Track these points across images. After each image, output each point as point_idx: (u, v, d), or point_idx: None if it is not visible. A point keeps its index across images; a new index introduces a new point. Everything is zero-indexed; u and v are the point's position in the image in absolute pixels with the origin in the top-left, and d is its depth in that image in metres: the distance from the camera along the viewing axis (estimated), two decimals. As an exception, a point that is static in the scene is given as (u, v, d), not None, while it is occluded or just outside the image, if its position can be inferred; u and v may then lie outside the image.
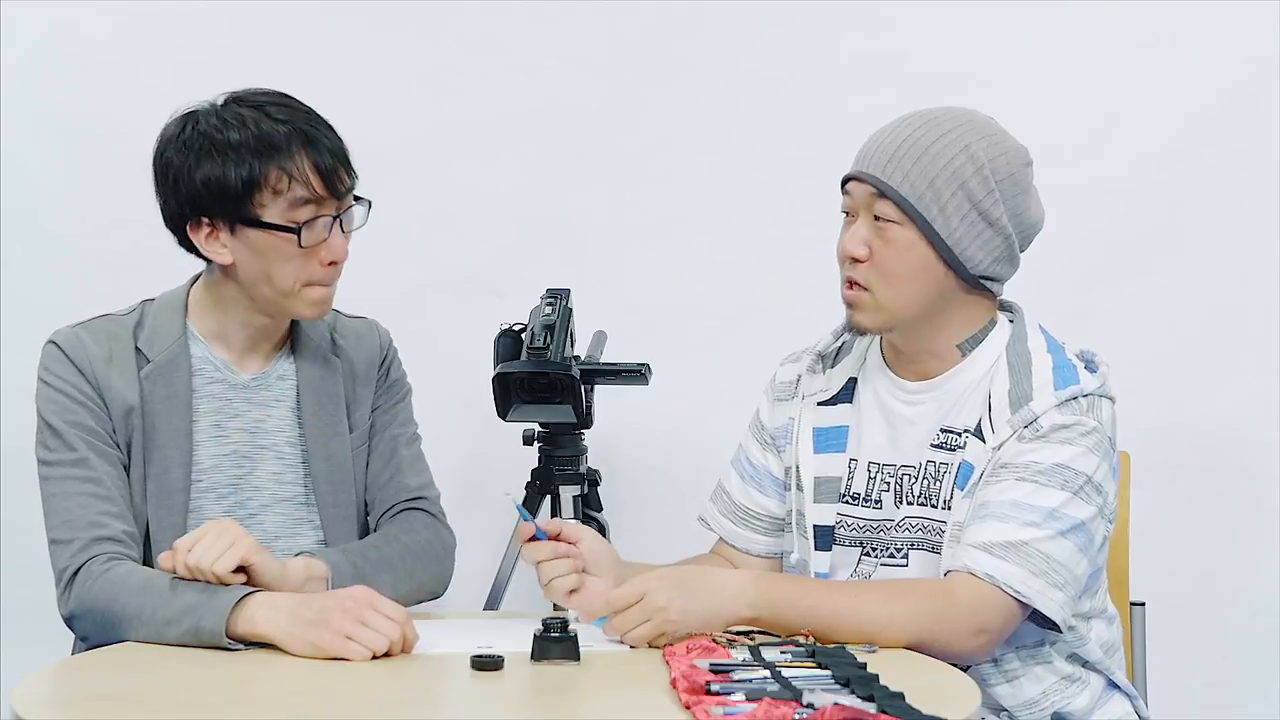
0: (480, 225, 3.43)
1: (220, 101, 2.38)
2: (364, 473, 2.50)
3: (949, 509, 2.31)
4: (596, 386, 2.92)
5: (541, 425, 2.94)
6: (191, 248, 2.40)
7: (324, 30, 3.39)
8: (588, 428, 2.94)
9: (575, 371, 2.83)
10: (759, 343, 3.35)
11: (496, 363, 2.89)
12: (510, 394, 2.83)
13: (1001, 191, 2.32)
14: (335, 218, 2.34)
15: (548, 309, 2.83)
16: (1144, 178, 3.31)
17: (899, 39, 3.37)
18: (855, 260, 2.34)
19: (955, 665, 2.17)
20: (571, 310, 2.85)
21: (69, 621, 2.30)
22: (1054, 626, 2.26)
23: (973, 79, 3.24)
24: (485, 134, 3.40)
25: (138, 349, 2.40)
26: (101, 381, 2.37)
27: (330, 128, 2.37)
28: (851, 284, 2.36)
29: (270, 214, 2.32)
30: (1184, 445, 3.17)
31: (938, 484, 2.34)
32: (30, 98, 3.32)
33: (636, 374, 2.91)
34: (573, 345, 2.86)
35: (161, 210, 2.42)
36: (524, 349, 2.83)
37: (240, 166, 2.30)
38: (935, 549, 2.32)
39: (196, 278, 2.47)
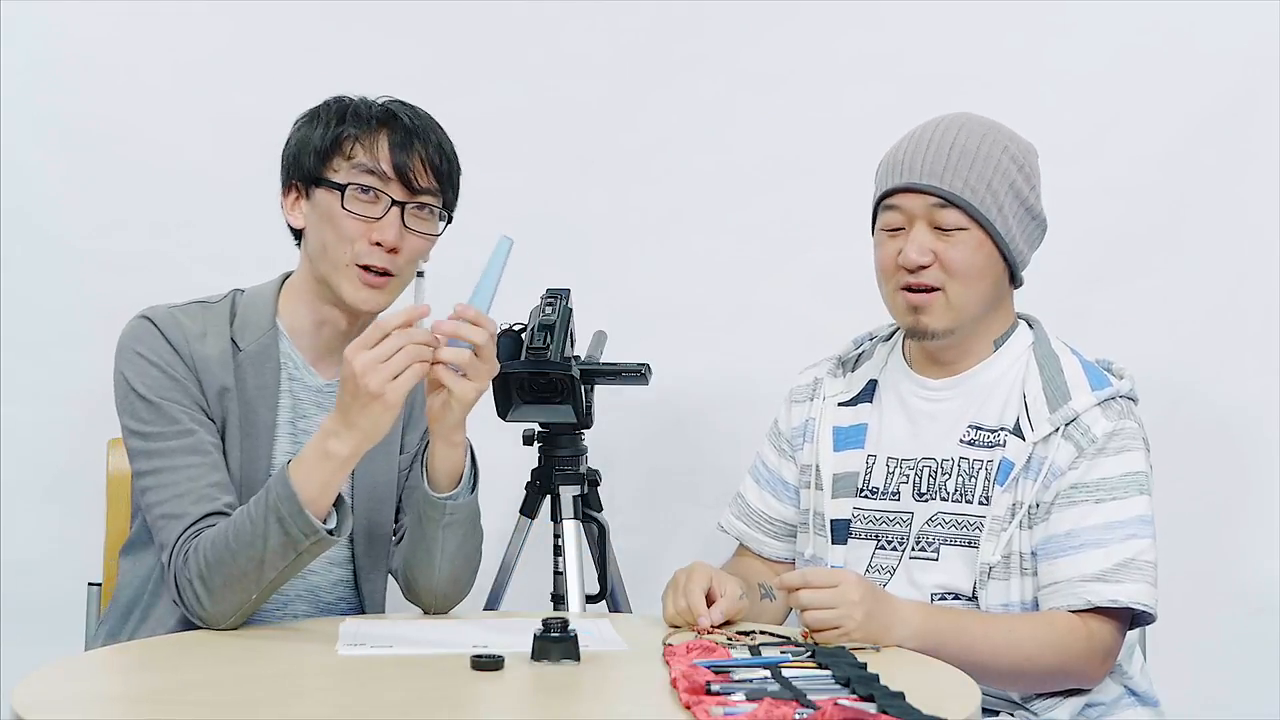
0: (480, 225, 3.42)
1: (376, 98, 2.47)
2: (401, 490, 2.53)
3: (986, 503, 2.37)
4: (596, 386, 2.92)
5: (541, 425, 2.94)
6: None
7: (324, 30, 3.38)
8: (588, 428, 2.94)
9: (575, 371, 2.83)
10: (759, 343, 3.36)
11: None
12: (510, 394, 2.83)
13: (1036, 184, 2.44)
14: (398, 204, 2.36)
15: (548, 309, 2.83)
16: (1144, 178, 3.31)
17: (899, 39, 3.37)
18: (921, 267, 2.39)
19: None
20: (571, 310, 2.85)
21: (180, 594, 2.29)
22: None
23: (973, 79, 3.24)
24: (485, 134, 3.40)
25: (231, 338, 2.42)
26: (197, 358, 2.39)
27: (438, 143, 2.44)
28: (914, 289, 2.40)
29: (336, 176, 2.39)
30: (1184, 445, 3.17)
31: (973, 480, 2.39)
32: (30, 98, 3.32)
33: (636, 374, 2.91)
34: (573, 345, 2.86)
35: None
36: (524, 349, 2.82)
37: (326, 130, 2.40)
38: (972, 544, 2.37)
39: (288, 275, 2.51)
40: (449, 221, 2.46)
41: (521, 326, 2.89)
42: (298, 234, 2.46)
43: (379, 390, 2.13)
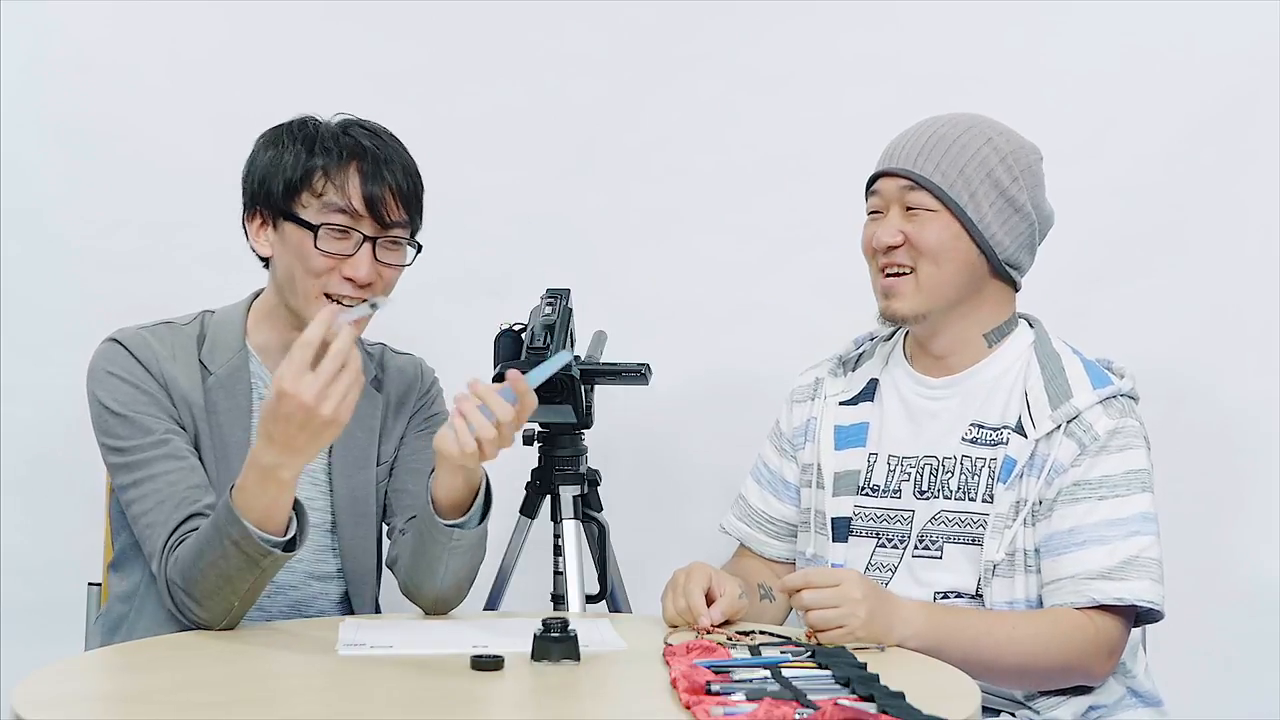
0: (480, 225, 3.42)
1: (331, 118, 2.44)
2: (383, 501, 2.54)
3: (989, 501, 2.38)
4: (596, 386, 2.92)
5: (541, 425, 2.94)
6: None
7: (323, 30, 3.38)
8: (588, 428, 2.93)
9: (575, 371, 2.83)
10: (759, 343, 3.36)
11: (496, 363, 2.89)
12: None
13: (1024, 180, 2.44)
14: (369, 240, 2.37)
15: (548, 309, 2.82)
16: (1144, 178, 3.31)
17: (899, 39, 3.37)
18: (891, 248, 2.42)
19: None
20: (571, 310, 2.85)
21: (172, 600, 2.29)
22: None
23: (973, 79, 3.24)
24: (485, 134, 3.40)
25: (200, 360, 2.43)
26: (167, 375, 2.41)
27: (404, 167, 2.41)
28: (887, 270, 2.44)
29: (307, 213, 2.38)
30: (1184, 445, 3.17)
31: (975, 478, 2.41)
32: (30, 98, 3.32)
33: (636, 374, 2.91)
34: (573, 345, 2.86)
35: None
36: (524, 349, 2.82)
37: (295, 163, 2.38)
38: (975, 541, 2.39)
39: (257, 294, 2.51)
40: (419, 250, 2.45)
41: (521, 326, 2.89)
42: (265, 259, 2.46)
43: (334, 415, 2.09)
